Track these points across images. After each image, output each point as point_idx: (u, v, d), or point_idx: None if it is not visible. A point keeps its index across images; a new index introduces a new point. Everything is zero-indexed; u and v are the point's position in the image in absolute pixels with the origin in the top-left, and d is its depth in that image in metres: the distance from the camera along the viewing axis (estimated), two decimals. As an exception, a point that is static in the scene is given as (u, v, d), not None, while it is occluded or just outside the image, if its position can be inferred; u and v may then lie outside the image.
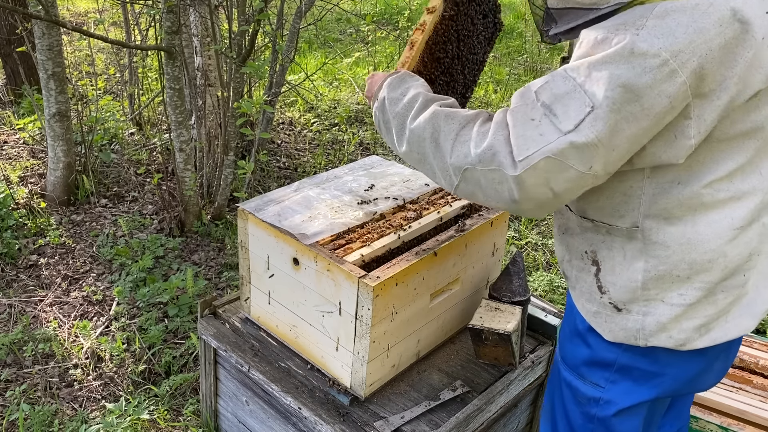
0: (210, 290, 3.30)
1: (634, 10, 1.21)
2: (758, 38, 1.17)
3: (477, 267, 2.15)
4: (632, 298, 1.39)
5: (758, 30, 1.17)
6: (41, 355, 2.86)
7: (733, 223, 1.30)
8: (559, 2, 1.33)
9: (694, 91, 1.18)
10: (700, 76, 1.16)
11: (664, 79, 1.15)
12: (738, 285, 1.37)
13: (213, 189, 4.02)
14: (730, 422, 2.20)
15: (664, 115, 1.19)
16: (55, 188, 3.92)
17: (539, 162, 1.21)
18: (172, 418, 2.58)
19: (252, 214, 2.01)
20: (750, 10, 1.17)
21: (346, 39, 7.92)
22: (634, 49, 1.15)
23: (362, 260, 1.87)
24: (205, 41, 3.96)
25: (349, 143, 5.16)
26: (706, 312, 1.37)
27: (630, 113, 1.17)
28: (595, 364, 1.48)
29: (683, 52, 1.14)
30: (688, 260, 1.32)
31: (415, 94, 1.47)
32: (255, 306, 2.18)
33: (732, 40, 1.16)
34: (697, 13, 1.15)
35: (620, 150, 1.22)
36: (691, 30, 1.14)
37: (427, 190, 2.25)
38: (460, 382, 2.01)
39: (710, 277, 1.34)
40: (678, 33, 1.14)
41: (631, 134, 1.20)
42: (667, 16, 1.16)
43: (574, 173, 1.22)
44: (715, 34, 1.15)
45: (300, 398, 1.94)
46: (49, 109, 3.76)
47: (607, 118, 1.17)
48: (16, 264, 3.43)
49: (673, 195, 1.30)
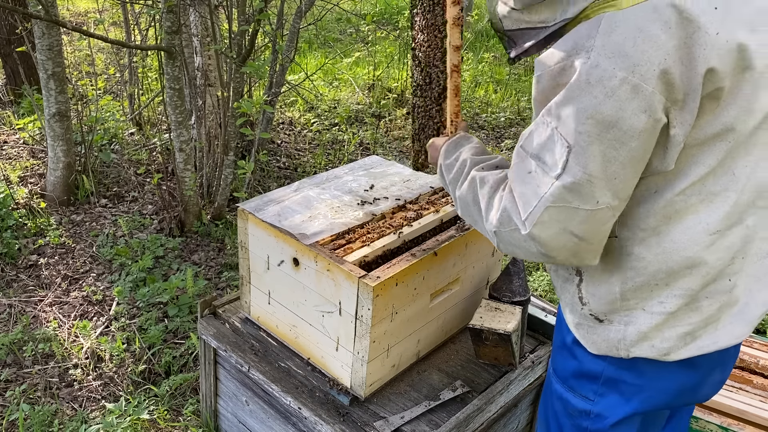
0: (210, 290, 3.30)
1: (581, 28, 1.18)
2: (711, 33, 1.12)
3: (477, 267, 2.15)
4: (612, 309, 1.37)
5: (710, 26, 1.13)
6: (41, 355, 2.86)
7: (708, 228, 1.26)
8: (512, 24, 1.33)
9: (668, 97, 1.14)
10: (667, 83, 1.13)
11: (630, 97, 1.13)
12: (723, 290, 1.32)
13: (213, 189, 4.02)
14: (730, 422, 2.20)
15: (650, 129, 1.16)
16: (55, 188, 3.92)
17: (543, 215, 1.22)
18: (172, 418, 2.58)
19: (252, 214, 2.01)
20: (696, 7, 1.12)
21: (346, 39, 7.92)
22: (590, 78, 1.14)
23: (362, 260, 1.87)
24: (205, 41, 3.96)
25: (349, 143, 5.16)
26: (689, 319, 1.33)
27: (613, 139, 1.15)
28: (583, 376, 1.46)
29: (639, 65, 1.12)
30: (665, 269, 1.29)
31: (464, 159, 1.52)
32: (255, 306, 2.18)
33: (686, 39, 1.12)
34: (641, 21, 1.12)
35: (623, 176, 1.19)
36: (640, 40, 1.11)
37: (427, 190, 2.25)
38: (460, 382, 2.01)
39: (690, 284, 1.30)
40: (628, 47, 1.12)
41: (626, 158, 1.17)
42: (613, 31, 1.13)
43: (584, 213, 1.21)
44: (666, 38, 1.11)
45: (300, 398, 1.94)
46: (49, 109, 3.76)
47: (587, 151, 1.17)
48: (16, 264, 3.43)
49: (648, 204, 1.27)
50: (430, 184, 2.30)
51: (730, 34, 1.14)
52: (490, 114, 5.93)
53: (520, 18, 1.31)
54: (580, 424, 1.49)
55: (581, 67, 1.15)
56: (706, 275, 1.29)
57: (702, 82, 1.14)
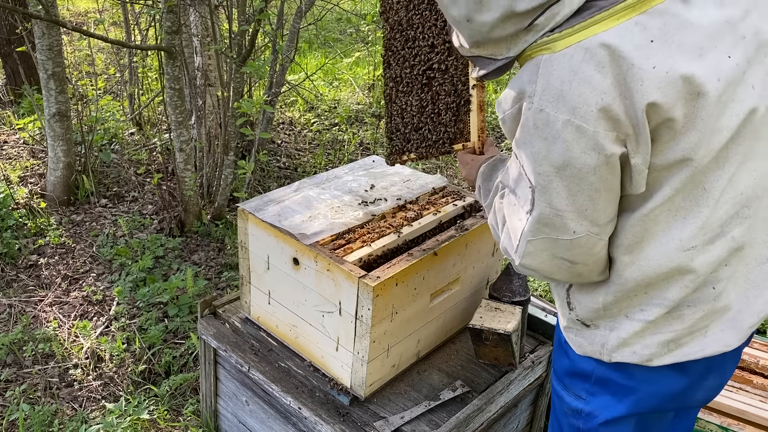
0: (210, 290, 3.30)
1: (525, 71, 1.20)
2: (647, 68, 1.12)
3: (477, 267, 2.15)
4: (597, 316, 1.39)
5: (645, 61, 1.12)
6: (41, 355, 2.86)
7: (681, 244, 1.25)
8: (468, 52, 1.35)
9: (617, 131, 1.15)
10: (609, 119, 1.14)
11: (575, 138, 1.14)
12: (707, 299, 1.31)
13: (213, 189, 4.02)
14: (730, 422, 2.20)
15: (604, 164, 1.17)
16: (55, 188, 3.92)
17: (527, 247, 1.29)
18: (172, 418, 2.58)
19: (252, 214, 2.01)
20: (628, 44, 1.12)
21: (346, 39, 7.92)
22: (536, 122, 1.17)
23: (362, 260, 1.87)
24: (205, 41, 3.96)
25: (349, 143, 5.16)
26: (671, 327, 1.32)
27: (571, 176, 1.18)
28: (576, 375, 1.47)
29: (578, 107, 1.13)
30: (643, 284, 1.30)
31: (497, 185, 1.56)
32: (255, 306, 2.17)
33: (622, 76, 1.12)
34: (575, 63, 1.13)
35: (594, 206, 1.22)
36: (575, 83, 1.12)
37: (427, 190, 2.25)
38: (460, 382, 2.01)
39: (669, 294, 1.30)
40: (565, 90, 1.13)
41: (589, 191, 1.20)
42: (551, 75, 1.15)
43: (565, 242, 1.25)
44: (601, 78, 1.12)
45: (300, 398, 1.94)
46: (49, 109, 3.76)
47: (549, 189, 1.20)
48: (16, 264, 3.43)
49: (621, 222, 1.29)
50: (431, 184, 2.30)
51: (670, 66, 1.12)
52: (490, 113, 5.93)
53: (472, 50, 1.33)
54: (573, 423, 1.51)
55: (526, 112, 1.19)
56: (685, 287, 1.29)
57: (645, 116, 1.14)
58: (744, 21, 1.20)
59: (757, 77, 1.21)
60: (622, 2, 1.13)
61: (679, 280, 1.28)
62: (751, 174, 1.26)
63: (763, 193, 1.29)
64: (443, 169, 4.89)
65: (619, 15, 1.13)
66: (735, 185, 1.25)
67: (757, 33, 1.20)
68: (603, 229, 1.26)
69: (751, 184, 1.26)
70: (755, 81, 1.21)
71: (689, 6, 1.15)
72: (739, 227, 1.28)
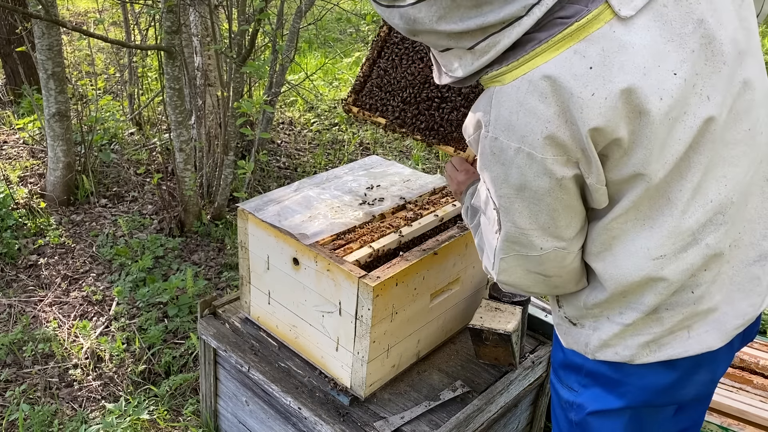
0: (210, 290, 3.30)
1: (481, 101, 1.26)
2: (586, 96, 1.14)
3: (477, 267, 2.15)
4: (581, 315, 1.43)
5: (583, 89, 1.14)
6: (41, 355, 2.86)
7: (650, 253, 1.27)
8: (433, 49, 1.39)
9: (566, 155, 1.19)
10: (556, 146, 1.17)
11: (527, 164, 1.19)
12: (685, 302, 1.33)
13: (213, 189, 4.02)
14: (730, 422, 2.20)
15: (557, 186, 1.21)
16: (55, 188, 3.92)
17: (501, 264, 1.36)
18: (172, 419, 2.58)
19: (252, 214, 2.01)
20: (567, 73, 1.15)
21: (346, 39, 7.92)
22: (493, 150, 1.23)
23: (362, 260, 1.87)
24: (205, 41, 3.96)
25: (349, 143, 5.16)
26: (650, 329, 1.35)
27: (530, 197, 1.23)
28: (568, 366, 1.51)
29: (526, 135, 1.17)
30: (619, 291, 1.32)
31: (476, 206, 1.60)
32: (255, 306, 2.17)
33: (564, 105, 1.15)
34: (521, 95, 1.17)
35: (557, 223, 1.26)
36: (522, 114, 1.17)
37: (427, 190, 2.25)
38: (460, 382, 2.01)
39: (645, 300, 1.32)
40: (513, 120, 1.18)
41: (549, 210, 1.24)
42: (501, 106, 1.20)
43: (535, 257, 1.31)
44: (545, 108, 1.16)
45: (300, 398, 1.94)
46: (49, 109, 3.76)
47: (511, 210, 1.27)
48: (15, 264, 3.43)
49: (589, 232, 1.32)
50: (431, 184, 2.30)
51: (609, 91, 1.14)
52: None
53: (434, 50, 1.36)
54: (567, 415, 1.53)
55: (483, 140, 1.25)
56: (660, 294, 1.31)
57: (590, 140, 1.17)
58: (694, 34, 1.19)
59: (713, 87, 1.21)
60: (560, 33, 1.15)
61: (653, 287, 1.30)
62: (720, 181, 1.26)
63: (741, 197, 1.30)
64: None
65: (558, 45, 1.16)
66: (703, 193, 1.26)
67: (710, 43, 1.20)
68: (570, 243, 1.30)
69: (723, 191, 1.27)
70: (711, 91, 1.21)
71: (629, 28, 1.16)
72: (714, 234, 1.28)
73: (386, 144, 5.25)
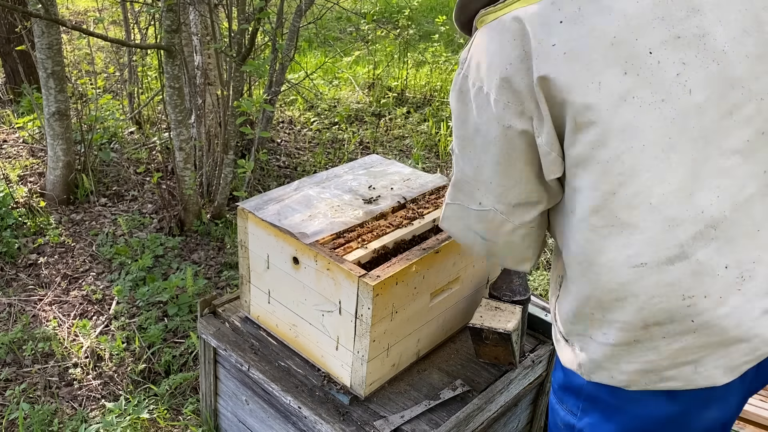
0: (210, 289, 3.30)
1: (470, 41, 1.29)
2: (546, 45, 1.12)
3: (477, 266, 2.14)
4: (569, 330, 1.33)
5: (545, 38, 1.12)
6: (41, 354, 2.86)
7: (630, 260, 1.14)
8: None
9: (523, 107, 1.16)
10: (513, 91, 1.16)
11: (483, 106, 1.20)
12: (683, 331, 1.17)
13: (213, 188, 4.01)
14: (731, 421, 2.20)
15: (503, 137, 1.20)
16: (55, 187, 3.92)
17: (446, 210, 1.39)
18: (172, 418, 2.58)
19: (252, 213, 2.01)
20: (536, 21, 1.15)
21: (346, 38, 7.92)
22: (462, 88, 1.25)
23: (362, 259, 1.87)
24: (204, 40, 3.96)
25: (349, 142, 5.16)
26: (645, 357, 1.21)
27: (480, 145, 1.23)
28: (568, 389, 1.40)
29: (488, 76, 1.18)
30: (594, 297, 1.21)
31: None
32: (255, 305, 2.17)
33: (527, 50, 1.14)
34: (493, 34, 1.19)
35: (499, 182, 1.26)
36: (489, 53, 1.18)
37: (427, 189, 2.25)
38: (460, 381, 2.01)
39: (624, 317, 1.19)
40: (481, 60, 1.20)
41: (493, 164, 1.24)
42: (476, 45, 1.22)
43: (474, 213, 1.32)
44: (510, 49, 1.16)
45: (300, 397, 1.94)
46: (49, 108, 3.75)
47: (463, 155, 1.28)
48: (15, 263, 3.42)
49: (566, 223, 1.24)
50: (431, 183, 2.29)
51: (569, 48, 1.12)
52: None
53: None
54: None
55: (457, 77, 1.27)
56: (641, 310, 1.17)
57: (541, 92, 1.14)
58: (686, 20, 1.13)
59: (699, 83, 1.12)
60: None
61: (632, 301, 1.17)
62: (713, 191, 1.14)
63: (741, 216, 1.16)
64: (443, 168, 4.89)
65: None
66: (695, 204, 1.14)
67: (703, 36, 1.13)
68: (511, 210, 1.29)
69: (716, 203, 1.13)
70: (695, 86, 1.12)
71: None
72: (705, 249, 1.14)
73: (386, 143, 5.25)
